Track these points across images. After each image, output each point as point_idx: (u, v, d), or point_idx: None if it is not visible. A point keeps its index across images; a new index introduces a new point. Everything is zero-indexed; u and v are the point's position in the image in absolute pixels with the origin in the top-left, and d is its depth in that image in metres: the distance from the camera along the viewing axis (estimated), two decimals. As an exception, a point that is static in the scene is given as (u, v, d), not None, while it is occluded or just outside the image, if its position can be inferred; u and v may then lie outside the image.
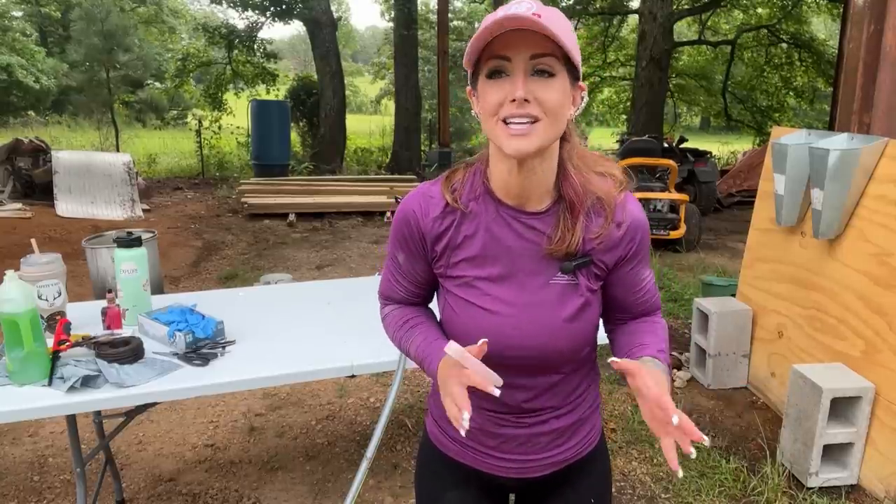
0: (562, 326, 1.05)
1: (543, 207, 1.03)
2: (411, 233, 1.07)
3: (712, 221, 8.62)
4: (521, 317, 1.03)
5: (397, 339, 1.17)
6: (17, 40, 21.50)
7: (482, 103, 0.96)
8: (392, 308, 1.20)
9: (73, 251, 5.57)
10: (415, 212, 1.06)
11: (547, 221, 1.03)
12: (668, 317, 4.72)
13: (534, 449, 1.14)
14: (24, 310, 1.63)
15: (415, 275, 1.13)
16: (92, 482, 2.40)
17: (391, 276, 1.16)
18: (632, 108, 12.83)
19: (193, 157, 13.29)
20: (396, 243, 1.11)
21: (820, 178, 2.77)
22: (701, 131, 27.02)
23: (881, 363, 2.57)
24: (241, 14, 14.33)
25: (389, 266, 1.16)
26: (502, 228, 1.03)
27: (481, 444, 1.15)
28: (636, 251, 1.08)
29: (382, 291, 1.21)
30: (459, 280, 1.06)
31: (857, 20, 3.41)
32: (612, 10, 14.92)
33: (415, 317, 1.16)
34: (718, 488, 2.61)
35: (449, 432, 1.19)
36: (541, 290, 1.04)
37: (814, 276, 3.03)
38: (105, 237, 3.87)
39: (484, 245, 1.03)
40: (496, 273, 1.04)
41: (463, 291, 1.05)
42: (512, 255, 1.03)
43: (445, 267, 1.07)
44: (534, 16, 0.88)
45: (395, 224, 1.09)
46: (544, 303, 1.04)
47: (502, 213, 1.03)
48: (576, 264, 1.03)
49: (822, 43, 15.25)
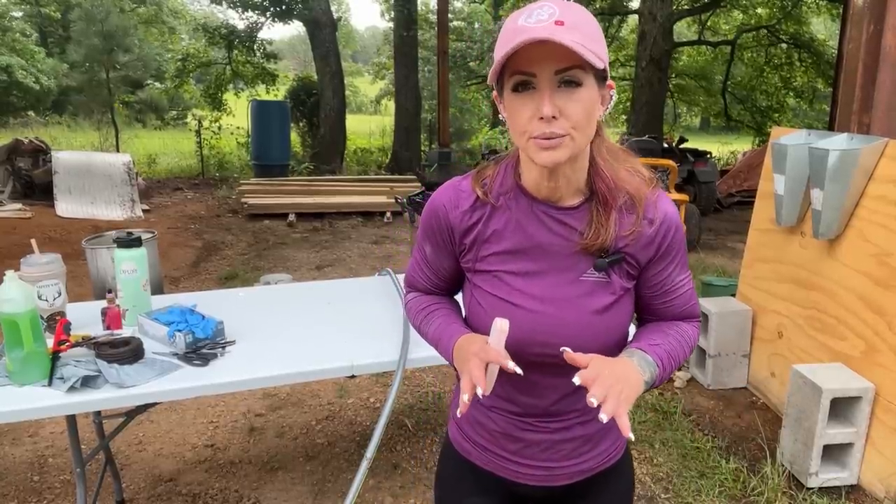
0: (590, 321, 1.02)
1: (576, 203, 1.02)
2: (440, 225, 1.08)
3: (712, 221, 8.62)
4: (550, 312, 1.02)
5: (417, 322, 1.19)
6: (17, 41, 21.51)
7: (511, 117, 0.94)
8: (416, 295, 1.22)
9: (73, 251, 5.57)
10: (444, 205, 1.06)
11: (579, 217, 1.01)
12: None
13: (557, 456, 1.11)
14: (24, 310, 1.63)
15: (440, 268, 1.14)
16: (92, 482, 2.40)
17: (417, 265, 1.18)
18: (632, 109, 12.83)
19: (193, 158, 13.29)
20: (425, 234, 1.12)
21: (820, 178, 2.77)
22: (701, 131, 27.02)
23: (881, 363, 2.57)
24: (241, 14, 14.32)
25: (417, 255, 1.17)
26: (533, 223, 1.02)
27: (503, 448, 1.14)
28: (668, 249, 1.04)
29: (408, 278, 1.22)
30: (488, 274, 1.05)
31: (857, 20, 3.41)
32: (612, 10, 14.92)
33: (435, 303, 1.18)
34: (718, 488, 2.61)
35: (471, 436, 1.18)
36: (570, 286, 1.02)
37: (814, 277, 3.03)
38: (105, 237, 3.87)
39: (514, 240, 1.03)
40: (526, 268, 1.03)
41: (490, 286, 1.05)
42: (542, 251, 1.02)
43: (473, 261, 1.07)
44: (556, 24, 0.86)
45: (425, 216, 1.11)
46: (573, 298, 1.02)
47: (534, 209, 1.02)
48: (609, 261, 1.01)
49: (821, 43, 15.25)
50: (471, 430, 1.18)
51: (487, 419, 1.14)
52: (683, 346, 1.09)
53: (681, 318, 1.12)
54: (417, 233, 1.15)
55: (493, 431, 1.14)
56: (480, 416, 1.16)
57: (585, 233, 1.00)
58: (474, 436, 1.18)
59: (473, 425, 1.18)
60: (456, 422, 1.22)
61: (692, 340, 1.12)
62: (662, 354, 1.03)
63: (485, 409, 1.14)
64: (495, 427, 1.13)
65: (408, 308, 1.23)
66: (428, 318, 1.15)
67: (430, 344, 1.15)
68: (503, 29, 0.92)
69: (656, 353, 1.02)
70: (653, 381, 1.00)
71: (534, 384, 1.07)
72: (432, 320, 1.14)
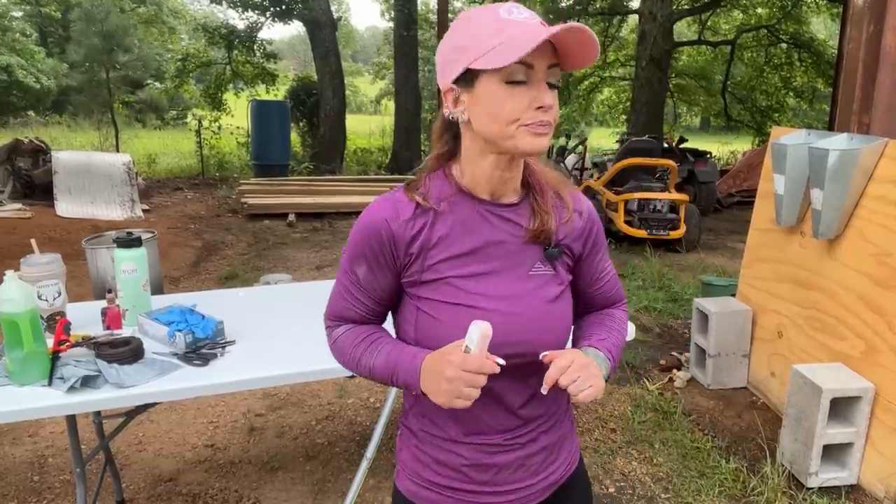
0: (546, 314, 1.04)
1: (516, 200, 1.05)
2: (380, 241, 1.01)
3: (712, 221, 8.62)
4: (509, 310, 1.01)
5: (356, 356, 1.07)
6: (17, 40, 21.51)
7: (496, 107, 0.93)
8: (346, 328, 1.09)
9: (73, 251, 5.57)
10: (385, 218, 1.00)
11: (521, 213, 1.05)
12: (669, 317, 4.73)
13: (527, 474, 1.10)
14: (24, 310, 1.63)
15: (378, 289, 1.05)
16: (92, 482, 2.40)
17: (347, 293, 1.07)
18: (632, 109, 12.83)
19: (193, 158, 13.29)
20: (358, 256, 1.03)
21: (820, 178, 2.77)
22: (701, 131, 27.02)
23: (881, 363, 2.57)
24: (241, 14, 14.33)
25: (345, 283, 1.07)
26: (479, 223, 1.02)
27: (473, 481, 1.08)
28: (596, 240, 1.13)
29: (334, 312, 1.11)
30: (438, 282, 1.01)
31: (857, 20, 3.41)
32: (612, 10, 14.92)
33: (375, 332, 1.08)
34: (718, 488, 2.61)
35: (433, 480, 1.09)
36: (523, 281, 1.04)
37: (813, 277, 3.04)
38: (105, 237, 3.86)
39: (462, 242, 1.02)
40: (477, 270, 1.02)
41: (442, 294, 1.01)
42: (491, 250, 1.02)
43: (420, 272, 1.02)
44: (542, 24, 0.93)
45: (358, 235, 1.03)
46: (528, 293, 1.03)
47: (478, 209, 1.02)
48: (557, 250, 1.06)
49: (821, 43, 15.25)
50: (431, 474, 1.09)
51: (451, 454, 1.08)
52: (622, 335, 1.18)
53: (611, 303, 1.21)
54: (343, 259, 1.06)
55: (461, 466, 1.07)
56: (440, 453, 1.08)
57: (531, 224, 1.04)
58: (436, 479, 1.09)
59: (432, 466, 1.09)
60: (406, 471, 1.13)
61: (626, 325, 1.22)
62: (612, 348, 1.12)
63: (447, 443, 1.08)
64: (463, 461, 1.07)
65: (339, 343, 1.10)
66: (371, 347, 1.05)
67: (378, 376, 1.04)
68: (484, 23, 0.93)
69: (606, 349, 1.11)
70: (607, 376, 1.07)
71: (500, 394, 1.05)
72: (379, 348, 1.04)
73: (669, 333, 4.42)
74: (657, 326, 4.53)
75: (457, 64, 0.95)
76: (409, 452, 1.12)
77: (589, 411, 3.27)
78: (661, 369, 3.79)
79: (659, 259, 6.28)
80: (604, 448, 2.91)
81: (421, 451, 1.10)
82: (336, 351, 1.11)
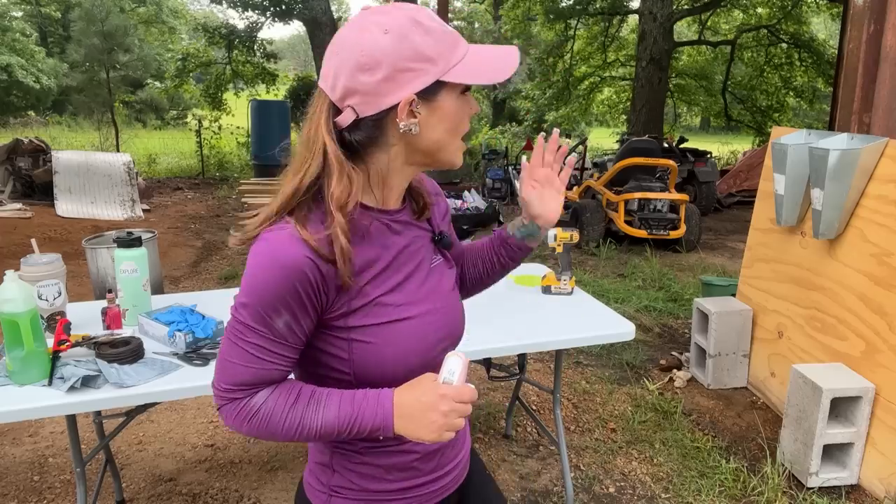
0: (456, 297, 1.10)
1: (402, 204, 1.05)
2: (306, 282, 0.88)
3: (712, 221, 8.62)
4: (432, 307, 1.03)
5: (294, 421, 0.92)
6: (17, 40, 21.52)
7: (456, 119, 0.95)
8: (267, 393, 0.92)
9: (73, 251, 5.58)
10: (306, 256, 0.87)
11: (408, 213, 1.06)
12: (669, 317, 4.73)
13: (459, 445, 1.13)
14: (24, 310, 1.63)
15: (301, 335, 0.92)
16: (92, 482, 2.40)
17: (262, 352, 0.90)
18: (632, 108, 12.83)
19: (193, 157, 13.30)
20: (275, 305, 0.88)
21: (820, 178, 2.77)
22: (701, 131, 27.03)
23: (881, 363, 2.57)
24: (241, 14, 14.34)
25: (255, 342, 0.90)
26: (385, 235, 1.00)
27: (424, 472, 1.06)
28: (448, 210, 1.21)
29: (245, 380, 0.91)
30: (368, 306, 0.95)
31: (857, 20, 3.41)
32: (612, 10, 14.92)
33: (303, 386, 0.94)
34: (718, 488, 2.61)
35: (382, 489, 1.04)
36: (432, 276, 1.06)
37: (814, 276, 3.04)
38: (105, 237, 3.87)
39: (382, 259, 0.98)
40: (395, 281, 0.99)
41: (375, 315, 0.95)
42: (400, 257, 1.01)
43: (349, 300, 0.93)
44: None
45: (275, 282, 0.87)
46: (438, 285, 1.06)
47: (381, 220, 0.99)
48: (446, 237, 1.11)
49: (822, 43, 15.24)
50: (377, 485, 1.03)
51: (402, 454, 1.03)
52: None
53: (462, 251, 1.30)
54: (243, 315, 0.89)
55: (413, 462, 1.04)
56: (390, 458, 1.03)
57: (420, 215, 1.07)
58: (385, 486, 1.04)
59: (378, 472, 1.03)
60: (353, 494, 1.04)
61: None
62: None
63: (394, 444, 1.02)
64: (413, 456, 1.04)
65: (264, 413, 0.92)
66: (311, 403, 0.92)
67: (328, 432, 0.92)
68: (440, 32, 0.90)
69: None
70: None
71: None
72: (322, 402, 0.92)
73: (669, 333, 4.42)
74: (657, 326, 4.53)
75: (426, 74, 0.89)
76: (349, 474, 1.04)
77: (589, 411, 3.27)
78: (662, 369, 3.79)
79: (659, 259, 6.28)
80: (604, 448, 2.91)
81: (366, 464, 1.03)
82: (260, 424, 0.92)
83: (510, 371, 2.85)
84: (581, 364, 3.86)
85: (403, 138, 0.93)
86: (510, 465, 2.79)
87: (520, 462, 2.81)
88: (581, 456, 2.86)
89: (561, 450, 2.48)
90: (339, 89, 0.89)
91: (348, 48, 0.88)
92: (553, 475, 2.71)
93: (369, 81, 0.87)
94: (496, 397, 3.40)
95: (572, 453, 2.86)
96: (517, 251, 1.22)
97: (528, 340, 2.07)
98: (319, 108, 0.93)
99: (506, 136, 17.23)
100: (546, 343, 2.11)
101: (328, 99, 0.91)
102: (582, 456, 2.86)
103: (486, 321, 2.17)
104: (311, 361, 0.97)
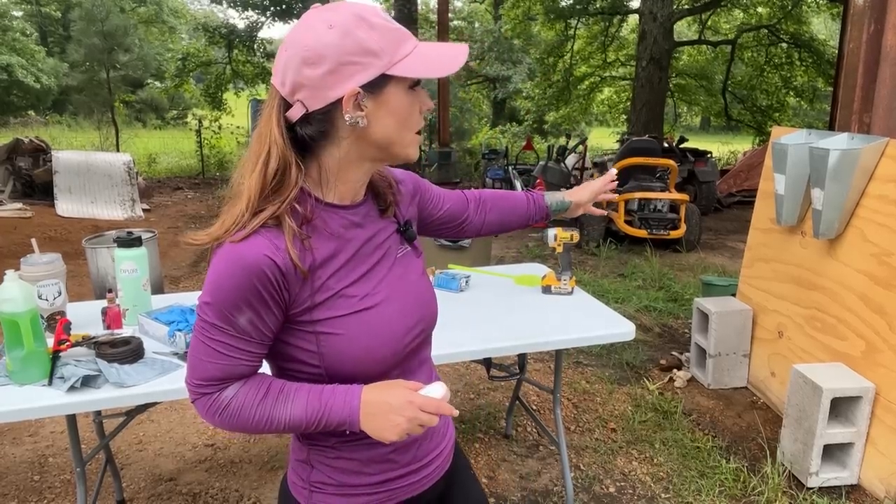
0: (426, 287, 1.11)
1: (364, 196, 1.06)
2: (265, 280, 0.90)
3: (712, 221, 8.62)
4: (399, 294, 1.04)
5: (263, 415, 0.95)
6: (17, 40, 21.52)
7: (405, 113, 0.96)
8: (236, 388, 0.95)
9: (74, 251, 5.58)
10: (264, 254, 0.90)
11: (371, 205, 1.07)
12: (669, 317, 4.73)
13: (438, 437, 1.14)
14: (24, 310, 1.63)
15: (266, 331, 0.94)
16: (92, 482, 2.40)
17: (229, 349, 0.93)
18: (632, 108, 12.83)
19: (193, 157, 13.31)
20: (237, 304, 0.90)
21: (820, 178, 2.77)
22: (701, 131, 27.03)
23: (881, 363, 2.57)
24: (241, 14, 14.34)
25: (221, 339, 0.92)
26: (349, 229, 1.01)
27: (401, 464, 1.07)
28: (420, 186, 1.24)
29: (213, 376, 0.94)
30: (332, 298, 0.96)
31: (857, 20, 3.40)
32: (612, 10, 14.92)
33: (272, 381, 0.97)
34: (718, 488, 2.61)
35: (362, 483, 1.05)
36: (396, 266, 1.07)
37: (814, 276, 3.03)
38: (105, 237, 3.87)
39: (341, 252, 0.99)
40: (359, 272, 1.01)
41: (339, 307, 0.97)
42: (364, 249, 1.03)
43: (311, 295, 0.95)
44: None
45: (234, 280, 0.89)
46: (405, 274, 1.08)
47: (342, 216, 1.00)
48: (412, 228, 1.12)
49: (822, 43, 15.24)
50: (355, 479, 1.05)
51: (377, 447, 1.04)
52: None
53: (468, 200, 1.38)
54: (208, 313, 0.92)
55: (388, 455, 1.05)
56: (365, 451, 1.04)
57: (385, 210, 1.08)
58: (364, 479, 1.05)
59: (355, 466, 1.04)
60: (330, 489, 1.05)
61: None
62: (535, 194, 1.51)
63: (363, 440, 1.02)
64: (387, 449, 1.04)
65: (234, 407, 0.95)
66: (281, 398, 0.95)
67: (296, 425, 0.95)
68: (386, 28, 0.93)
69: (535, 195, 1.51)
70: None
71: (408, 370, 1.08)
72: (290, 397, 0.95)
73: (669, 333, 4.42)
74: (657, 326, 4.53)
75: (370, 68, 0.90)
76: (327, 469, 1.05)
77: (589, 411, 3.27)
78: (662, 369, 3.79)
79: (659, 259, 6.27)
80: (604, 448, 2.91)
81: (342, 459, 1.04)
82: (231, 417, 0.95)
83: (510, 371, 2.85)
84: (581, 364, 3.86)
85: (353, 132, 0.94)
86: (510, 464, 2.79)
87: (520, 462, 2.81)
88: (581, 456, 2.86)
89: (561, 450, 2.48)
90: (287, 84, 0.92)
91: (295, 44, 0.91)
92: (553, 475, 2.71)
93: (314, 75, 0.89)
94: (496, 397, 3.41)
95: (572, 453, 2.86)
96: (546, 216, 1.53)
97: (528, 340, 2.07)
98: (271, 104, 0.95)
99: (506, 136, 17.25)
100: (546, 343, 2.10)
101: (279, 94, 0.94)
102: (582, 456, 2.86)
103: (487, 321, 2.17)
104: (282, 357, 0.99)
